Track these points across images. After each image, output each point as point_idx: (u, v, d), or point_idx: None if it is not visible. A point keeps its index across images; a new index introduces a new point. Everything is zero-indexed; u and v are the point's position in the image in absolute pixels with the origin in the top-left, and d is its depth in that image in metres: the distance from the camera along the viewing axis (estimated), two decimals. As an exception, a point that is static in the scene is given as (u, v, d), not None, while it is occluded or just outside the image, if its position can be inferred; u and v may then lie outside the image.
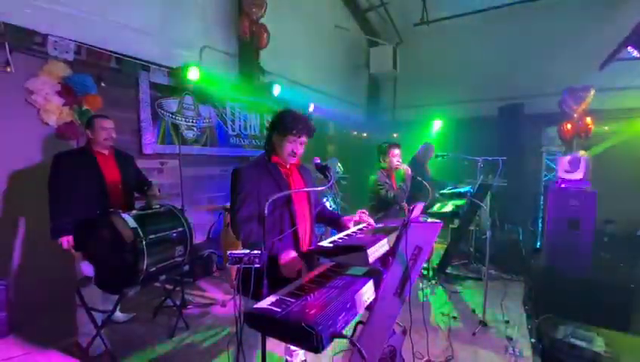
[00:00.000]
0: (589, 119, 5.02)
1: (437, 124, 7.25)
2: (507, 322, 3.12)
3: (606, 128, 5.74)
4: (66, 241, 2.44)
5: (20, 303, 2.83)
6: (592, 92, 4.96)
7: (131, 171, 2.88)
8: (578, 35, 5.96)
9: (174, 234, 2.58)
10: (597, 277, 3.67)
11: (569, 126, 5.11)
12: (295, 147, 1.77)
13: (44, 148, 3.00)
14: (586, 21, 5.91)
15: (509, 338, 2.85)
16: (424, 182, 2.82)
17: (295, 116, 1.75)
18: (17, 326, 2.75)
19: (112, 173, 2.67)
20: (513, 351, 2.68)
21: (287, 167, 1.84)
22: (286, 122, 1.73)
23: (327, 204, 3.88)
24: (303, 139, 1.78)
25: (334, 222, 2.02)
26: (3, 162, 2.79)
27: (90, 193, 2.51)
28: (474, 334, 2.93)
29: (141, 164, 3.75)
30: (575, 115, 5.08)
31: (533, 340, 2.85)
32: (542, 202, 6.14)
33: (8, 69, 2.73)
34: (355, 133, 8.21)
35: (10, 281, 2.78)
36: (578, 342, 2.81)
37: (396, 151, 3.25)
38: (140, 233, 2.25)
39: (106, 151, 2.69)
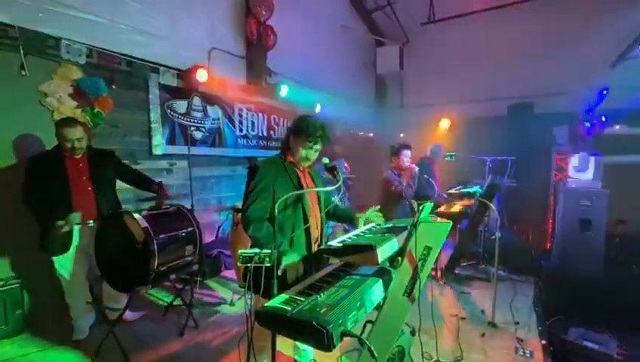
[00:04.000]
0: (603, 118, 4.97)
1: (444, 124, 7.18)
2: (517, 323, 3.08)
3: (617, 127, 5.64)
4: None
5: (35, 300, 2.89)
6: (610, 91, 4.92)
7: (109, 171, 2.75)
8: (589, 34, 5.84)
9: (184, 234, 2.62)
10: (608, 279, 3.60)
11: (587, 124, 5.05)
12: (309, 153, 1.80)
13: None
14: (597, 19, 5.80)
15: (519, 340, 2.82)
16: (430, 180, 2.88)
17: (312, 123, 1.76)
18: (32, 323, 2.81)
19: (80, 176, 2.56)
20: (523, 352, 2.66)
21: (301, 169, 1.88)
22: (302, 128, 1.76)
23: (335, 204, 3.93)
24: (318, 146, 1.81)
25: (348, 219, 2.07)
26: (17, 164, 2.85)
27: (54, 196, 2.43)
28: (483, 335, 2.91)
29: (151, 164, 3.81)
30: (589, 114, 5.03)
31: (543, 342, 2.82)
32: (552, 202, 6.05)
33: (23, 73, 2.80)
34: (362, 133, 8.20)
35: (25, 279, 2.83)
36: (590, 344, 2.77)
37: (407, 152, 3.54)
38: (152, 233, 2.29)
39: (77, 155, 2.58)
